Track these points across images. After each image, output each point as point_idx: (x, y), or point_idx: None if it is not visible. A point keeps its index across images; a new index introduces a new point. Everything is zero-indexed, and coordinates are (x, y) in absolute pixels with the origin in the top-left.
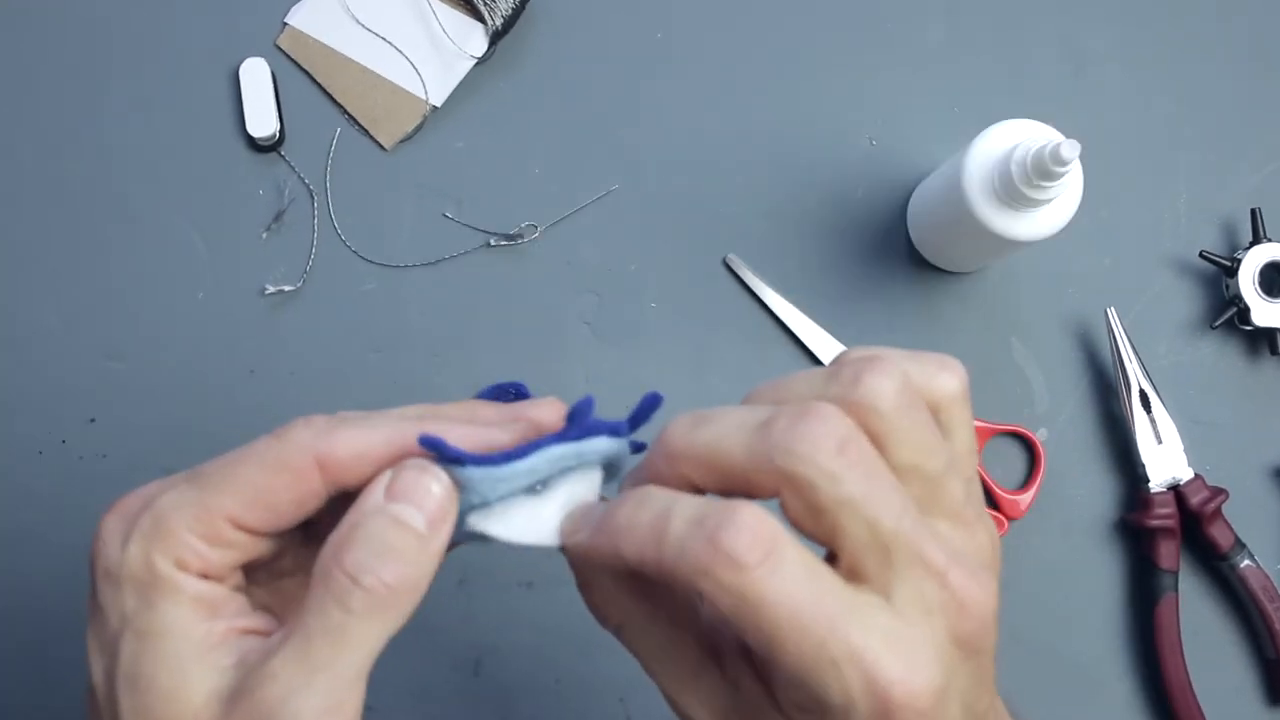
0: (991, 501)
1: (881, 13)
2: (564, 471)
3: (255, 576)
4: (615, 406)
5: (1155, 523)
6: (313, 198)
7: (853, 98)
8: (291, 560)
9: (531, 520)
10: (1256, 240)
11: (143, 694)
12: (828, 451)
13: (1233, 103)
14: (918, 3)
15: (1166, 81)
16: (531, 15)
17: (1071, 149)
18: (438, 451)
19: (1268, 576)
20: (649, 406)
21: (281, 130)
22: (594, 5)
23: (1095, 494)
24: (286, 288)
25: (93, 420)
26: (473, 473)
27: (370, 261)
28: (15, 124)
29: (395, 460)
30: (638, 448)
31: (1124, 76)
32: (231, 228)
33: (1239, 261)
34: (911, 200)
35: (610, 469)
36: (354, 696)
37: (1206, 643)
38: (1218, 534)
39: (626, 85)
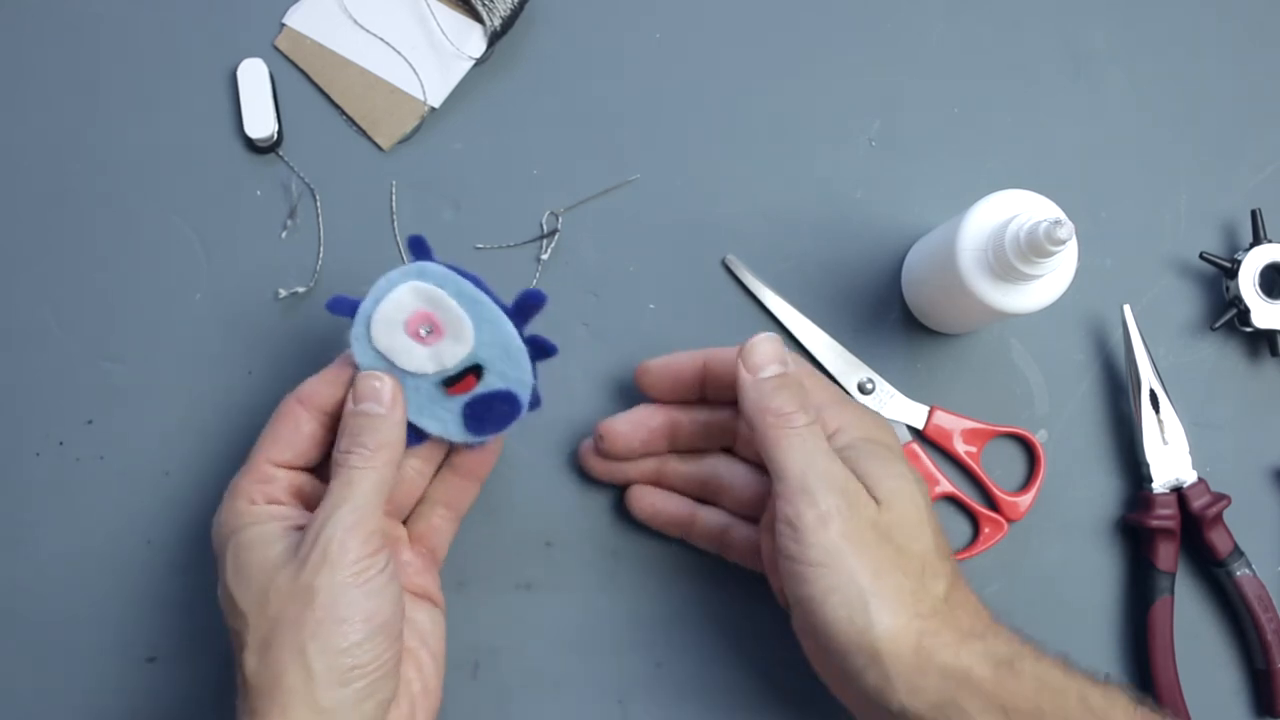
0: (991, 503)
1: (881, 13)
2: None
3: None
4: (615, 406)
5: (1156, 523)
6: (315, 198)
7: (852, 98)
8: None
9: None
10: (1257, 241)
11: (244, 573)
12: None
13: (1233, 103)
14: (918, 3)
15: (1166, 81)
16: (530, 16)
17: (1066, 230)
18: (336, 306)
19: (1263, 586)
20: (532, 300)
21: (280, 131)
22: (592, 6)
23: (1095, 495)
24: (300, 289)
25: (90, 422)
26: (368, 310)
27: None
28: (12, 124)
29: (339, 381)
30: (537, 346)
31: (1124, 76)
32: (230, 229)
33: (1239, 263)
34: (905, 262)
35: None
36: (370, 516)
37: (1198, 648)
38: (1217, 539)
39: (625, 86)
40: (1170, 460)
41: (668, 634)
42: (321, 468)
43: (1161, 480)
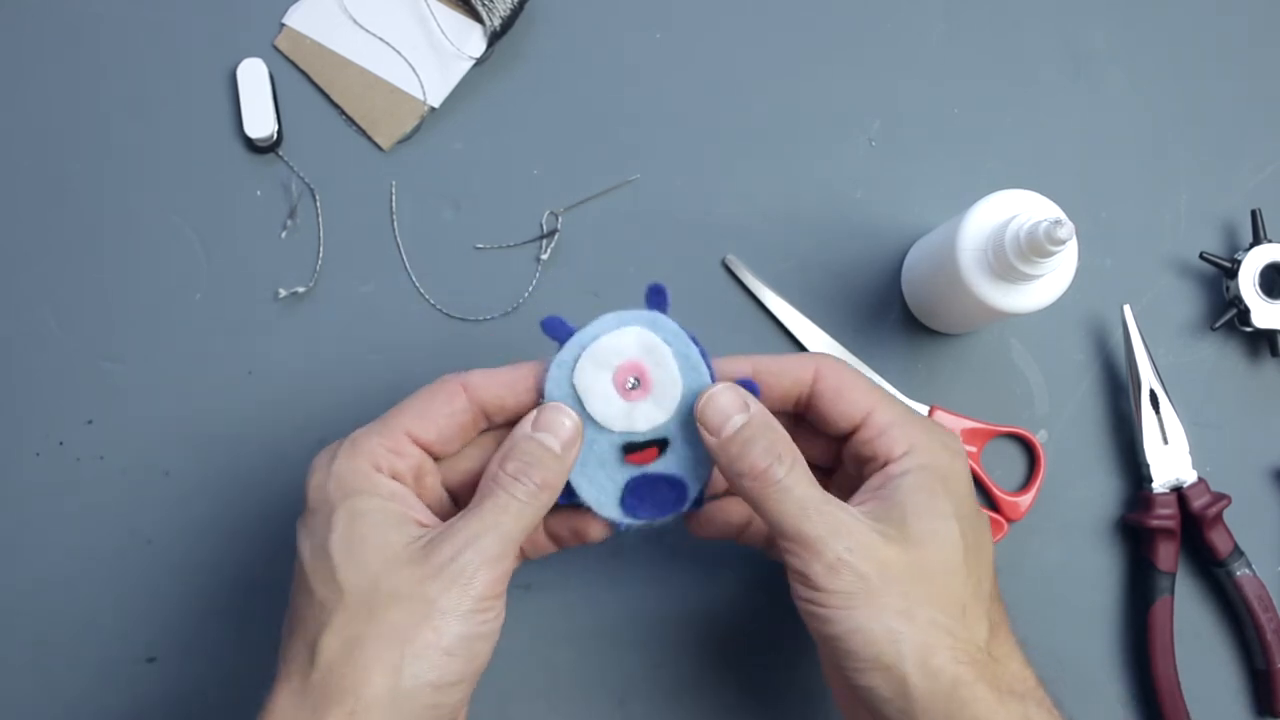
0: (991, 503)
1: (881, 13)
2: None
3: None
4: None
5: (1156, 523)
6: (315, 198)
7: (852, 98)
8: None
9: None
10: (1257, 241)
11: (358, 545)
12: None
13: (1233, 103)
14: (918, 3)
15: (1166, 81)
16: (529, 16)
17: (1066, 230)
18: (552, 328)
19: (1263, 586)
20: (657, 295)
21: (280, 131)
22: (592, 6)
23: (1095, 495)
24: (300, 289)
25: (90, 422)
26: (580, 340)
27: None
28: (12, 124)
29: (515, 387)
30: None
31: (1124, 76)
32: (230, 229)
33: (1239, 263)
34: (905, 262)
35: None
36: (511, 551)
37: (1198, 648)
38: (1217, 539)
39: (625, 86)
40: (1170, 460)
41: (668, 634)
42: (446, 462)
43: (1161, 480)
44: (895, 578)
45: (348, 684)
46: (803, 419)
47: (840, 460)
